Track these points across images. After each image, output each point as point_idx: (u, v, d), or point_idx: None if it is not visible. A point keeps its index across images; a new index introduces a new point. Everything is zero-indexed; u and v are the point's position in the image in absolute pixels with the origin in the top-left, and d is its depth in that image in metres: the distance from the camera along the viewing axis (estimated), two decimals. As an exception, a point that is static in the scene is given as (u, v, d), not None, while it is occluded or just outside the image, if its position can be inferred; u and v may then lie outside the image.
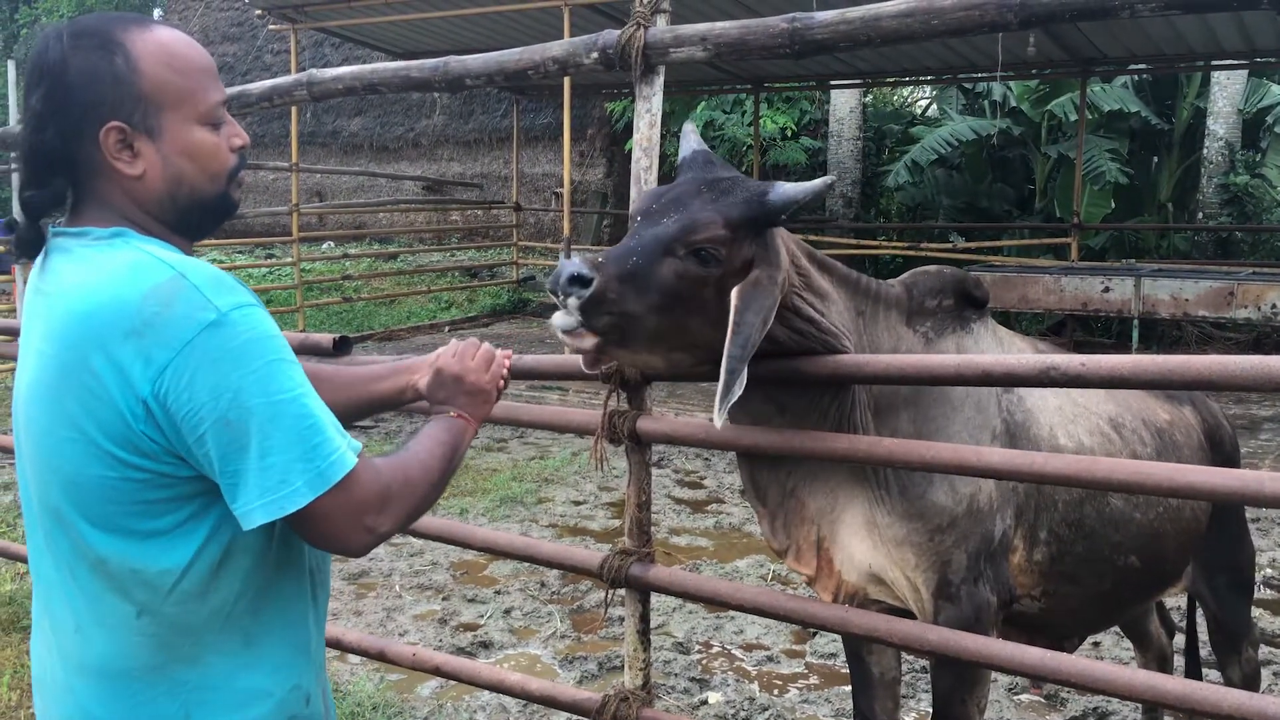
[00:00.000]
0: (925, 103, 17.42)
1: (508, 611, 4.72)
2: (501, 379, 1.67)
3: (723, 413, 1.88)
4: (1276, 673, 4.09)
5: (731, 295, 1.92)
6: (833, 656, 4.25)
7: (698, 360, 2.05)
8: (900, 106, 17.45)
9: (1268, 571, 5.19)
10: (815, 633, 4.39)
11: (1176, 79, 13.02)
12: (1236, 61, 11.48)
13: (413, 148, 18.28)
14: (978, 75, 12.79)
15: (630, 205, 2.29)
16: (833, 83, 13.62)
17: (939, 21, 2.17)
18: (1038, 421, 2.38)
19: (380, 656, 2.98)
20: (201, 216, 1.46)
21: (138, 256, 1.35)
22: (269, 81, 3.30)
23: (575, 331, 1.90)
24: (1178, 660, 3.45)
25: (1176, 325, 10.38)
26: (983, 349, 2.36)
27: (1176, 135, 13.22)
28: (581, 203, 15.76)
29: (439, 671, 2.94)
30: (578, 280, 1.85)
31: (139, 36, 1.38)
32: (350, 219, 18.49)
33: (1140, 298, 8.82)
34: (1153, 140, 13.54)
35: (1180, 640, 3.38)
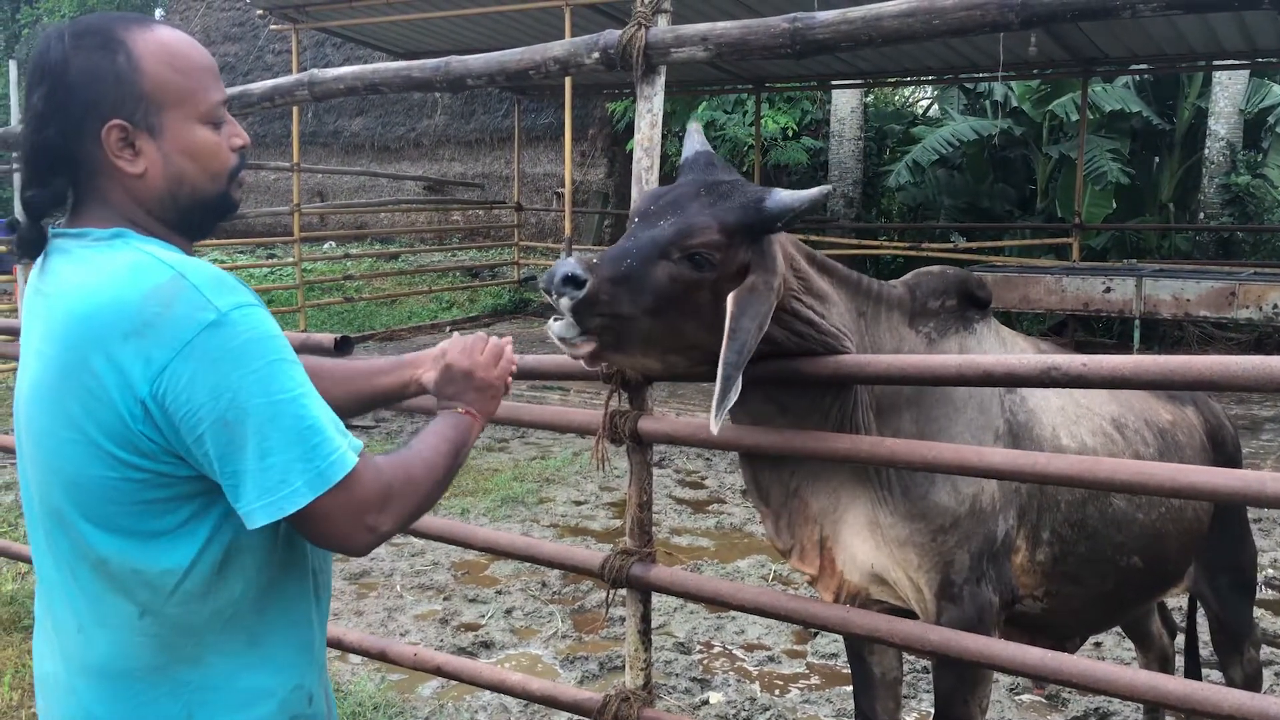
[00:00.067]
0: (926, 103, 17.41)
1: (509, 611, 4.71)
2: (509, 375, 1.67)
3: (719, 418, 1.89)
4: (1278, 673, 4.09)
5: (728, 301, 1.92)
6: (834, 657, 4.25)
7: (694, 362, 2.04)
8: (901, 106, 17.44)
9: (1269, 572, 5.18)
10: (816, 633, 4.39)
11: (1178, 79, 13.01)
12: (1238, 61, 11.48)
13: (414, 148, 18.28)
14: (979, 75, 12.79)
15: (630, 206, 2.29)
16: (834, 83, 13.62)
17: (940, 21, 2.17)
18: (1040, 422, 2.38)
19: (381, 656, 2.98)
20: (202, 216, 1.46)
21: (138, 257, 1.35)
22: (270, 81, 3.29)
23: (571, 340, 1.91)
24: (1179, 660, 3.45)
25: (1178, 325, 10.38)
26: (986, 349, 2.35)
27: (1178, 135, 13.21)
28: (583, 203, 15.76)
29: (440, 671, 2.94)
30: (571, 280, 1.85)
31: (140, 36, 1.39)
32: (352, 219, 18.49)
33: (1142, 298, 8.82)
34: (1154, 140, 13.54)
35: (1182, 640, 3.38)
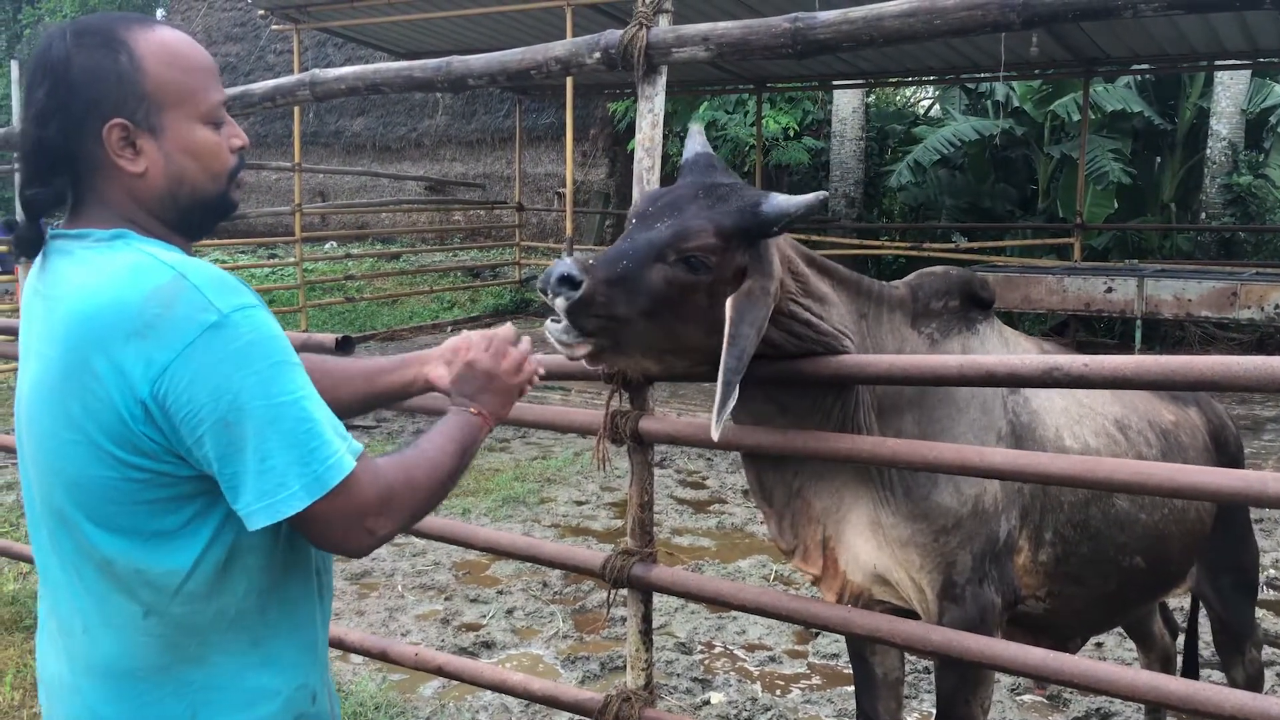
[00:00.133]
0: (928, 103, 17.41)
1: (510, 611, 4.71)
2: (531, 382, 1.67)
3: (719, 424, 1.89)
4: (1280, 674, 4.09)
5: (726, 307, 1.92)
6: (835, 657, 4.24)
7: (692, 364, 2.05)
8: (903, 106, 17.44)
9: (1270, 572, 5.18)
10: (817, 633, 4.39)
11: (1179, 79, 13.00)
12: (1239, 61, 11.47)
13: (415, 148, 18.28)
14: (980, 75, 12.79)
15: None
16: (835, 83, 13.61)
17: (941, 21, 2.17)
18: (1043, 423, 2.37)
19: (383, 656, 2.98)
20: (202, 216, 1.47)
21: (139, 258, 1.35)
22: (272, 81, 3.30)
23: (568, 342, 1.92)
24: (1180, 660, 3.44)
25: (1179, 326, 10.37)
26: (988, 350, 2.35)
27: (1179, 135, 13.21)
28: (584, 203, 15.76)
29: (441, 671, 2.94)
30: (567, 281, 1.86)
31: (142, 35, 1.39)
32: (353, 219, 18.50)
33: (1143, 298, 8.81)
34: (1156, 140, 13.53)
35: (1183, 640, 3.37)
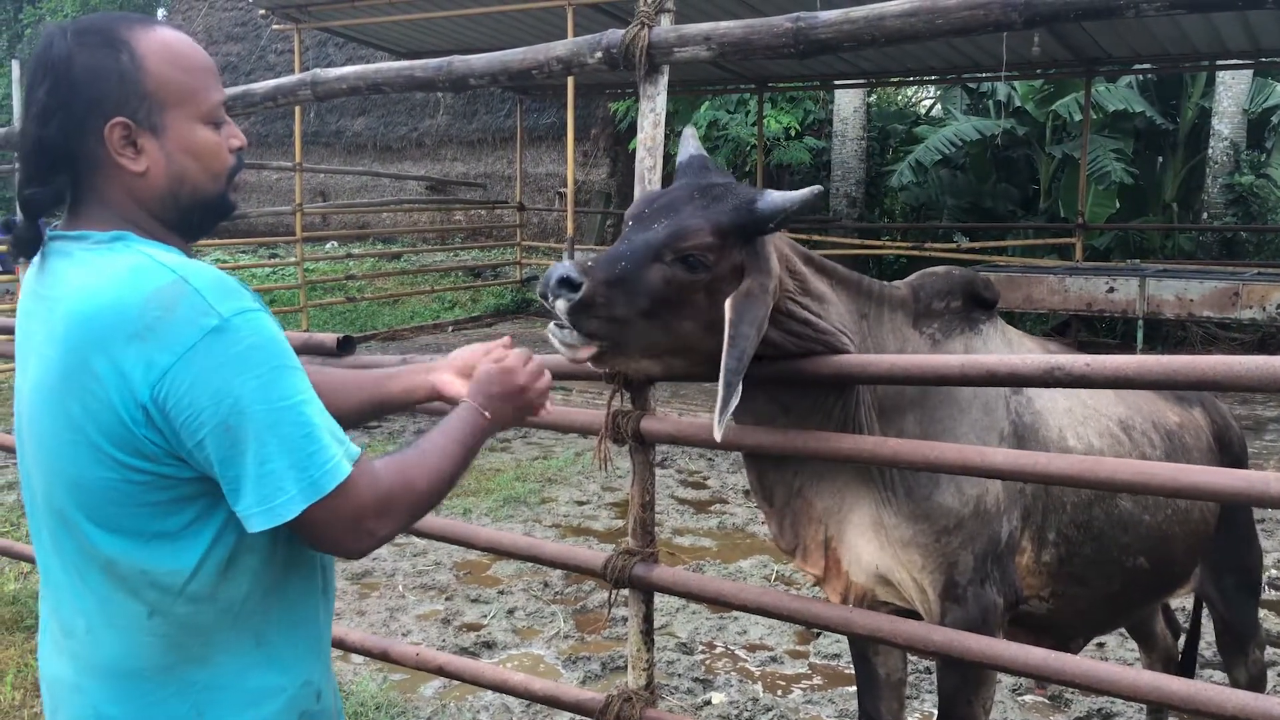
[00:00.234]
0: (929, 102, 17.41)
1: (511, 611, 4.71)
2: (544, 401, 1.69)
3: (722, 425, 1.89)
4: (1282, 674, 4.08)
5: (725, 308, 1.93)
6: (836, 657, 4.24)
7: (693, 364, 2.05)
8: (904, 106, 17.43)
9: (1272, 573, 5.17)
10: (819, 633, 4.39)
11: (1181, 79, 13.00)
12: (1242, 61, 11.46)
13: (416, 147, 18.29)
14: (982, 75, 12.80)
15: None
16: (837, 82, 13.61)
17: (943, 21, 2.16)
18: (1047, 424, 2.37)
19: (383, 656, 2.98)
20: (202, 216, 1.47)
21: (139, 260, 1.35)
22: (273, 81, 3.30)
23: (572, 343, 1.93)
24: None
25: (1181, 326, 10.36)
26: (991, 350, 2.34)
27: (1181, 135, 13.20)
28: (585, 202, 15.76)
29: (442, 671, 2.94)
30: (566, 283, 1.87)
31: (143, 35, 1.39)
32: (354, 219, 18.50)
33: (1145, 298, 8.80)
34: (1157, 140, 13.52)
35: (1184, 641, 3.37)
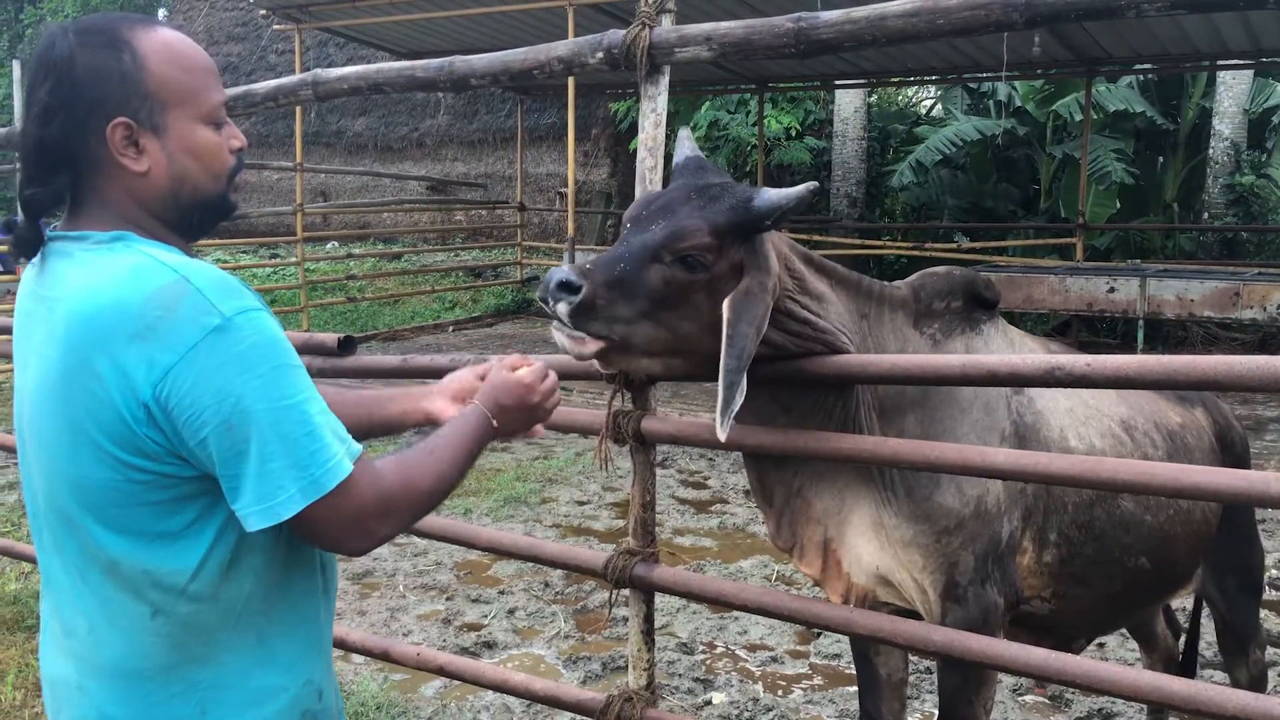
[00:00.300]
0: (930, 103, 17.41)
1: (512, 611, 4.71)
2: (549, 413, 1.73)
3: (725, 425, 1.89)
4: (1282, 674, 4.08)
5: (724, 307, 1.93)
6: (837, 657, 4.24)
7: (694, 364, 2.05)
8: (905, 106, 17.43)
9: (1272, 573, 5.17)
10: (819, 633, 4.39)
11: (1182, 79, 13.00)
12: (1242, 61, 11.46)
13: (417, 148, 18.29)
14: (983, 75, 12.80)
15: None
16: (837, 82, 13.61)
17: (944, 21, 2.16)
18: (1048, 424, 2.36)
19: (384, 656, 2.98)
20: (202, 216, 1.47)
21: (140, 260, 1.35)
22: (274, 81, 3.30)
23: (578, 336, 1.92)
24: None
25: (1182, 326, 10.36)
26: (992, 351, 2.34)
27: (1182, 135, 13.20)
28: (586, 203, 15.76)
29: (443, 671, 2.94)
30: (565, 287, 1.88)
31: (145, 35, 1.40)
32: (354, 219, 18.51)
33: (1145, 298, 8.80)
34: (1158, 140, 13.52)
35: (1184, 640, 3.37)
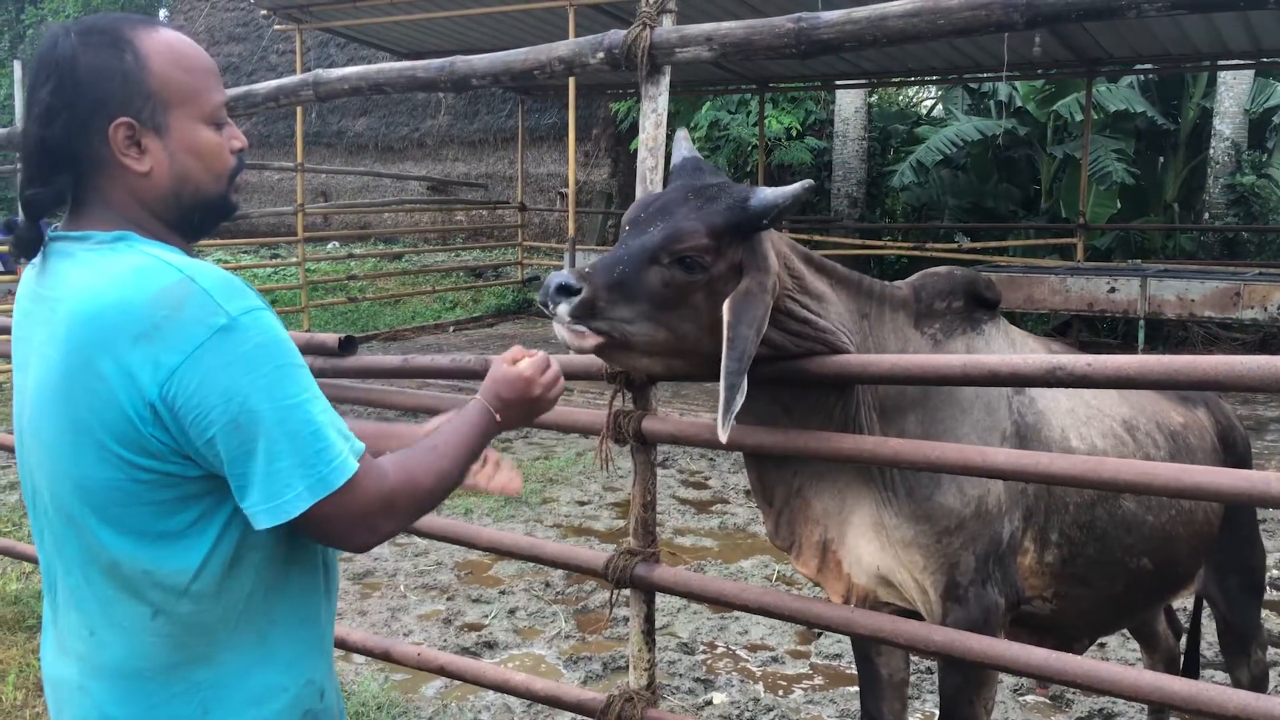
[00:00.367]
0: (930, 103, 17.41)
1: (512, 611, 4.71)
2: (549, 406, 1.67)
3: (726, 426, 1.89)
4: (1283, 674, 4.08)
5: (724, 309, 1.93)
6: (838, 657, 4.24)
7: (694, 365, 2.05)
8: (905, 106, 17.43)
9: (1274, 573, 5.17)
10: (820, 633, 4.39)
11: (1182, 79, 13.00)
12: (1243, 61, 11.46)
13: (418, 148, 18.30)
14: (983, 75, 12.80)
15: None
16: (838, 83, 13.61)
17: (945, 21, 2.16)
18: (1049, 424, 2.36)
19: (385, 656, 2.98)
20: (203, 216, 1.47)
21: (142, 260, 1.35)
22: (275, 82, 3.29)
23: (579, 330, 1.91)
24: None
25: (1182, 326, 10.36)
26: (994, 350, 2.34)
27: (1182, 135, 13.20)
28: (586, 203, 15.77)
29: (444, 671, 2.94)
30: (565, 290, 1.88)
31: (146, 35, 1.40)
32: (355, 219, 18.52)
33: (1146, 298, 8.80)
34: (1159, 140, 13.52)
35: (1185, 641, 3.36)
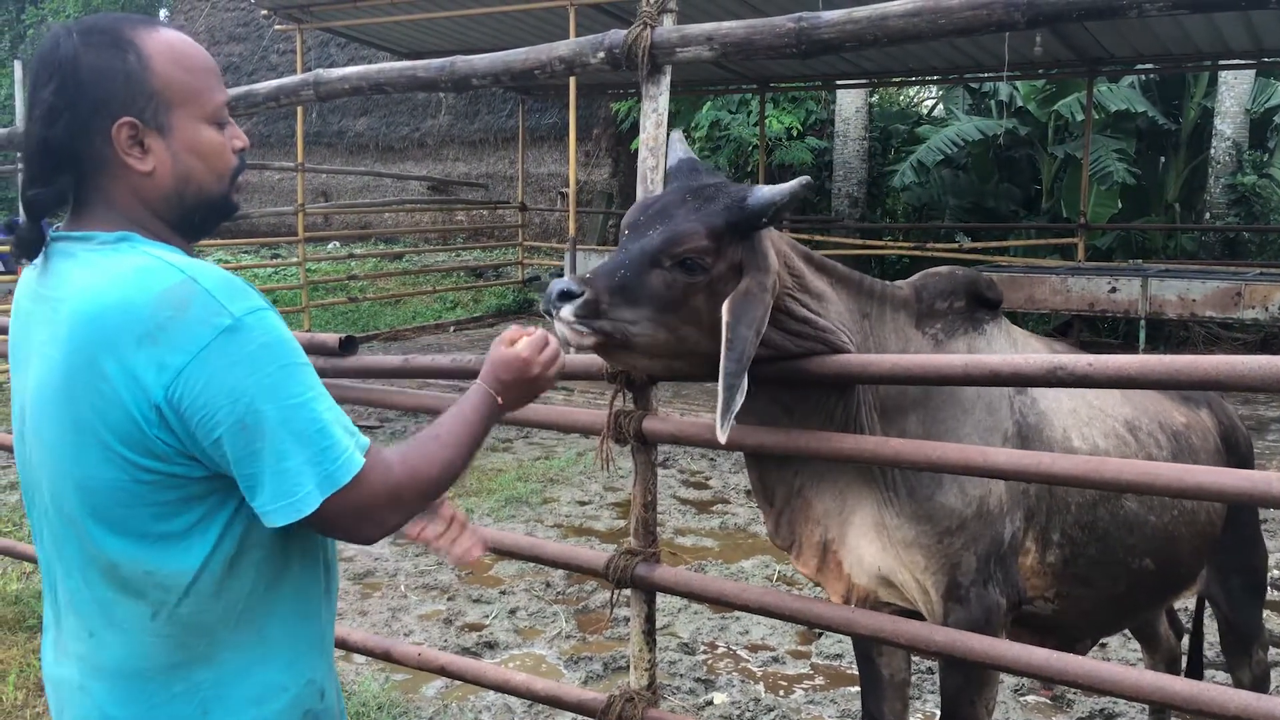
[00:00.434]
0: (931, 103, 17.40)
1: (513, 612, 4.71)
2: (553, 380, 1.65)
3: (725, 427, 1.89)
4: (1284, 674, 4.07)
5: (723, 310, 1.93)
6: (838, 657, 4.24)
7: (695, 365, 2.05)
8: (906, 106, 17.43)
9: (1275, 573, 5.17)
10: (821, 634, 4.38)
11: (1183, 79, 12.99)
12: (1244, 61, 11.45)
13: (418, 148, 18.31)
14: (984, 75, 12.79)
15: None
16: (839, 82, 13.60)
17: (946, 21, 2.16)
18: (1051, 424, 2.36)
19: (386, 656, 2.98)
20: (205, 216, 1.48)
21: (145, 260, 1.35)
22: (275, 81, 3.29)
23: (580, 330, 1.91)
24: (1185, 661, 3.43)
25: (1183, 326, 10.35)
26: (996, 350, 2.33)
27: (1183, 135, 13.19)
28: (587, 203, 15.77)
29: (444, 671, 2.94)
30: (567, 295, 1.89)
31: (148, 35, 1.40)
32: (356, 219, 18.53)
33: (1147, 298, 8.80)
34: (1160, 140, 13.51)
35: (1189, 641, 3.36)
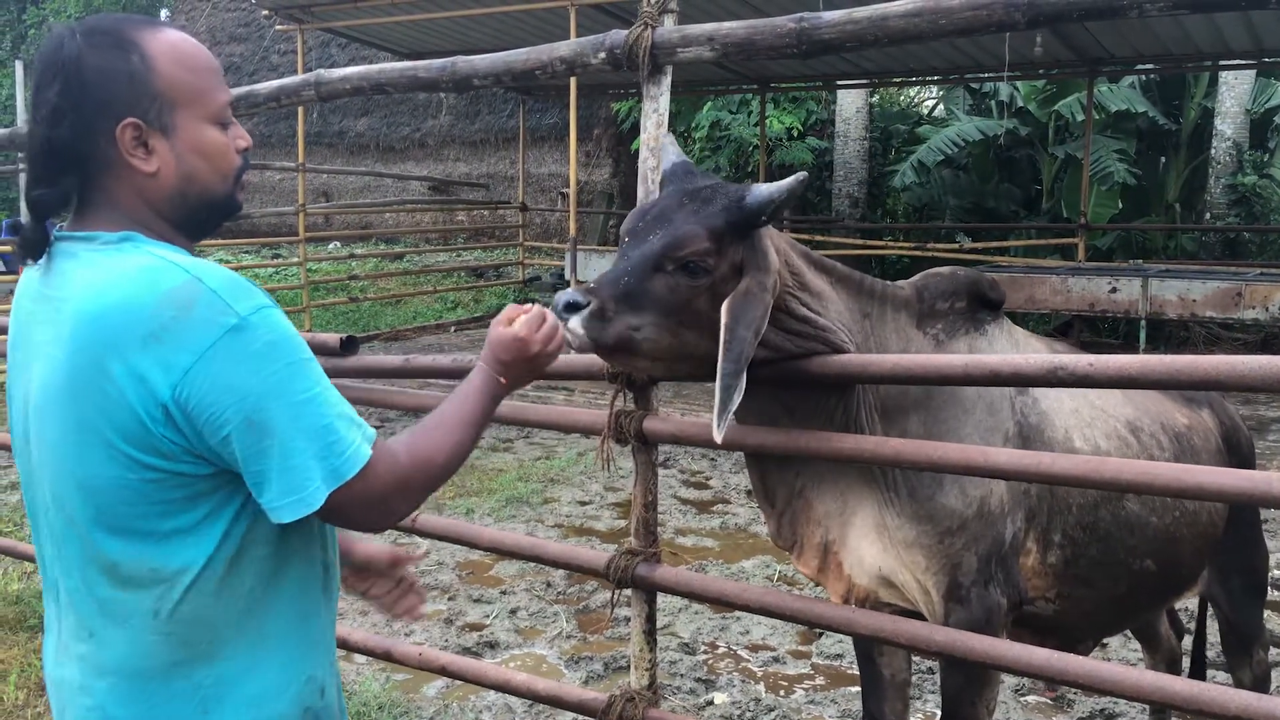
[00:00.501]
0: (932, 103, 17.41)
1: (513, 611, 4.72)
2: (554, 354, 1.64)
3: (721, 427, 1.90)
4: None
5: (722, 310, 1.93)
6: (839, 657, 4.24)
7: (696, 366, 2.06)
8: (907, 106, 17.43)
9: (1275, 573, 5.17)
10: (821, 633, 4.39)
11: (1184, 79, 12.99)
12: (1244, 61, 11.45)
13: (419, 148, 18.31)
14: (984, 75, 12.80)
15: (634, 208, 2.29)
16: (839, 83, 13.61)
17: (946, 21, 2.16)
18: (1053, 424, 2.36)
19: (386, 656, 2.98)
20: (209, 215, 1.48)
21: (149, 260, 1.36)
22: (276, 82, 3.29)
23: (585, 339, 1.91)
24: (1186, 662, 3.44)
25: (1184, 326, 10.35)
26: (997, 351, 2.33)
27: (1184, 135, 13.19)
28: (588, 203, 15.78)
29: (445, 671, 2.94)
30: (574, 307, 1.90)
31: (151, 36, 1.40)
32: (357, 219, 18.53)
33: (1147, 298, 8.80)
34: (1160, 140, 13.51)
35: (1189, 642, 3.36)
